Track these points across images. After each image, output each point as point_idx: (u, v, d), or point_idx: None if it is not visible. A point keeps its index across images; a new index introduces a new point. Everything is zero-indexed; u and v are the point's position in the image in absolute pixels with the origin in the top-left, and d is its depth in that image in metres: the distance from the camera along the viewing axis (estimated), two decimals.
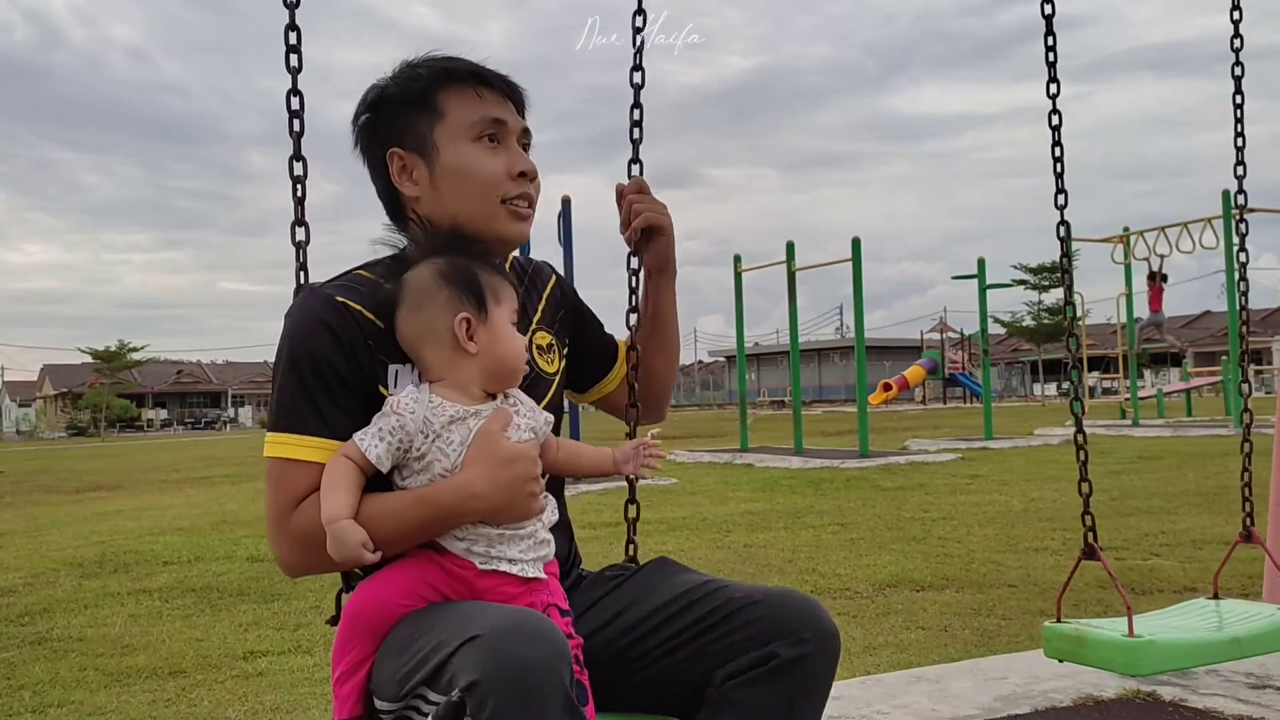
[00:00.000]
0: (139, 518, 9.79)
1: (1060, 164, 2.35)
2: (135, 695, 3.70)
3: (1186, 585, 4.80)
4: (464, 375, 1.50)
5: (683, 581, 1.62)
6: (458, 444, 1.45)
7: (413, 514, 1.42)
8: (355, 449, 1.44)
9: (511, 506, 1.44)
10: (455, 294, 1.49)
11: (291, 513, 1.47)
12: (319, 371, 1.49)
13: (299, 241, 1.72)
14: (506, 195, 1.62)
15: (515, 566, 1.45)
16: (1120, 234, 17.57)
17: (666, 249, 1.81)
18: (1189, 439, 14.17)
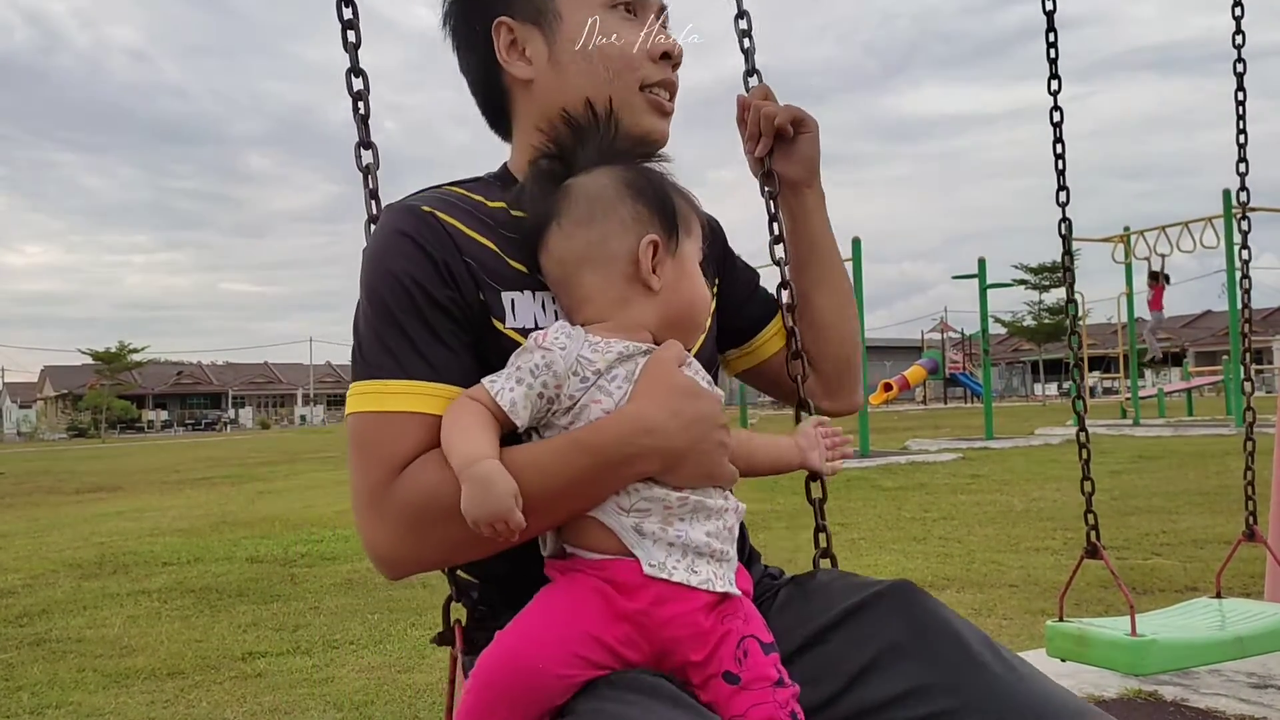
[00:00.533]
0: (139, 519, 9.78)
1: (1062, 161, 2.34)
2: (134, 696, 3.69)
3: (1188, 585, 4.79)
4: (636, 316, 1.15)
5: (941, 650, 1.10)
6: (622, 381, 1.10)
7: (567, 462, 1.05)
8: (484, 393, 1.08)
9: (697, 452, 1.09)
10: (645, 211, 1.15)
11: (393, 481, 1.10)
12: (410, 297, 1.15)
13: (367, 165, 1.36)
14: (648, 80, 1.28)
15: (699, 573, 1.06)
16: (1121, 233, 17.56)
17: (813, 150, 1.45)
18: (1190, 438, 14.15)
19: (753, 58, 1.59)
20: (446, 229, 1.18)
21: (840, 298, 1.48)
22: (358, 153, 1.36)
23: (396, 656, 4.02)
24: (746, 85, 1.57)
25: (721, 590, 1.06)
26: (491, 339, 1.17)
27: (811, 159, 1.45)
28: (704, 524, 1.08)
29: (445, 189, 1.27)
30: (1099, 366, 24.74)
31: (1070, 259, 2.38)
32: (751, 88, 1.53)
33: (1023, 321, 54.12)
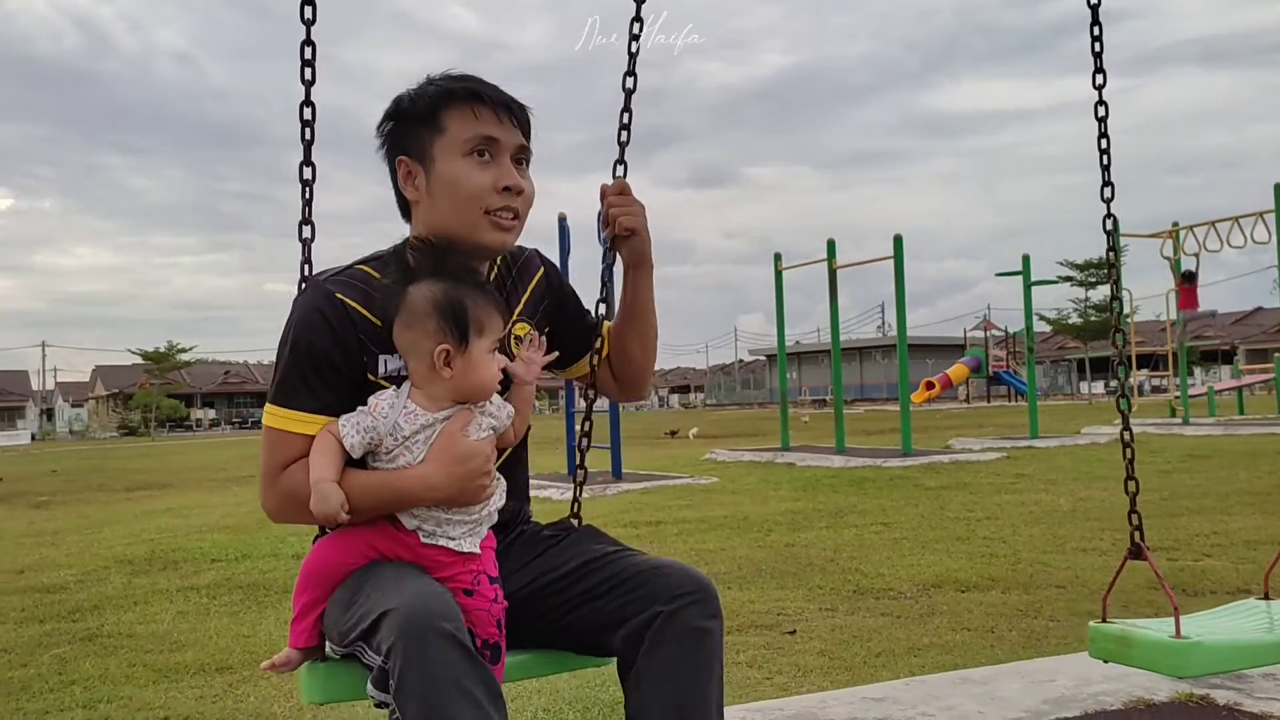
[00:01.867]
0: (187, 516, 9.94)
1: (1107, 155, 2.31)
2: (183, 691, 3.75)
3: (1240, 586, 4.70)
4: (437, 391, 1.74)
5: (591, 550, 1.89)
6: (421, 443, 1.72)
7: (379, 494, 1.70)
8: (337, 431, 1.72)
9: (463, 495, 1.71)
10: (441, 325, 1.70)
11: (280, 474, 1.74)
12: (314, 358, 1.74)
13: (305, 239, 1.90)
14: (490, 207, 1.80)
15: (453, 543, 1.73)
16: (1169, 229, 17.26)
17: (642, 247, 2.00)
18: (1241, 437, 13.88)
19: (624, 149, 2.11)
20: (349, 311, 1.76)
21: (646, 341, 2.09)
22: (300, 229, 1.90)
23: None
24: (614, 173, 2.08)
25: (465, 551, 1.74)
26: (369, 384, 1.77)
27: (640, 252, 2.01)
28: (461, 527, 1.75)
29: (355, 269, 1.81)
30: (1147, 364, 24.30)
31: (1116, 255, 2.34)
32: (615, 177, 2.06)
33: (1068, 319, 53.31)
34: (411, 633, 1.50)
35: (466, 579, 1.72)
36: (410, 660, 1.49)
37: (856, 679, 3.52)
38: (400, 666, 1.49)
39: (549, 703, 3.41)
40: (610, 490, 10.33)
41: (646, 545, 6.44)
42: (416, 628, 1.51)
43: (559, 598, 1.86)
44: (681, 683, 1.71)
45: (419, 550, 1.73)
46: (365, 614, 1.60)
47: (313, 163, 1.91)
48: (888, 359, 59.23)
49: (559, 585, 1.86)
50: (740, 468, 13.00)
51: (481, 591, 1.72)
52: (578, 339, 2.10)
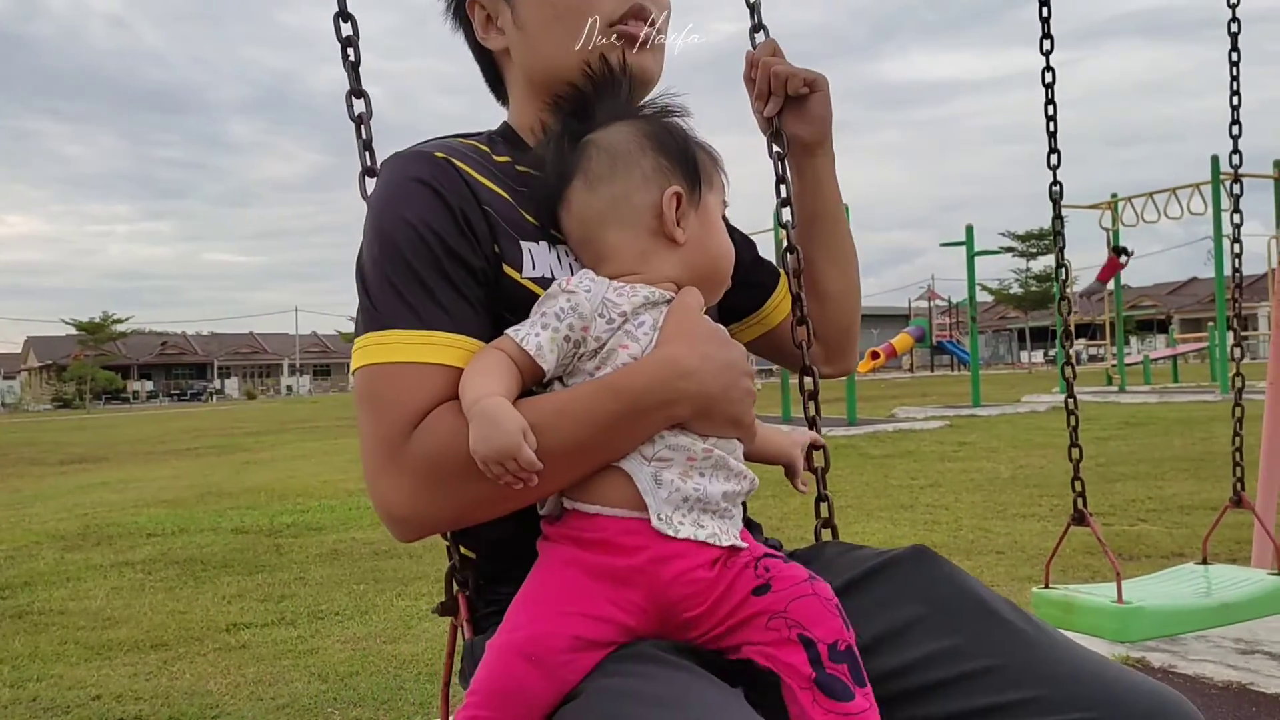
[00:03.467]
0: (123, 490, 9.72)
1: (1053, 123, 2.30)
2: (116, 668, 3.66)
3: (1174, 550, 4.80)
4: (662, 269, 1.13)
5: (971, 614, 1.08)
6: (650, 327, 1.07)
7: (595, 407, 1.01)
8: (510, 341, 1.05)
9: (727, 399, 1.06)
10: (666, 163, 1.13)
11: (409, 434, 1.05)
12: (428, 247, 1.10)
13: (359, 115, 1.32)
14: (613, 15, 1.22)
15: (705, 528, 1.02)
16: (1108, 200, 17.54)
17: (826, 109, 1.40)
18: (1175, 405, 14.21)
19: (758, 11, 1.52)
20: (464, 177, 1.15)
21: (847, 266, 1.45)
22: (349, 101, 1.32)
23: (381, 627, 4.00)
24: (753, 41, 1.51)
25: (727, 544, 1.03)
26: (509, 288, 1.13)
27: (824, 119, 1.40)
28: (723, 483, 1.06)
29: (451, 140, 1.24)
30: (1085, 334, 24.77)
31: (1060, 222, 2.34)
32: (759, 43, 1.47)
33: (1010, 289, 54.21)
34: None
35: (747, 578, 1.01)
36: None
37: None
38: None
39: None
40: None
41: None
42: None
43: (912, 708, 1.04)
44: None
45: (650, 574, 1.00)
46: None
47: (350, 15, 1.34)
48: None
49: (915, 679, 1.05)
50: None
51: (780, 574, 1.01)
52: (754, 272, 1.43)
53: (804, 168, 1.43)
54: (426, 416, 1.05)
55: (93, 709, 3.21)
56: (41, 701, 3.31)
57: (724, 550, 1.02)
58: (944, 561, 1.15)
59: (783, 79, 1.39)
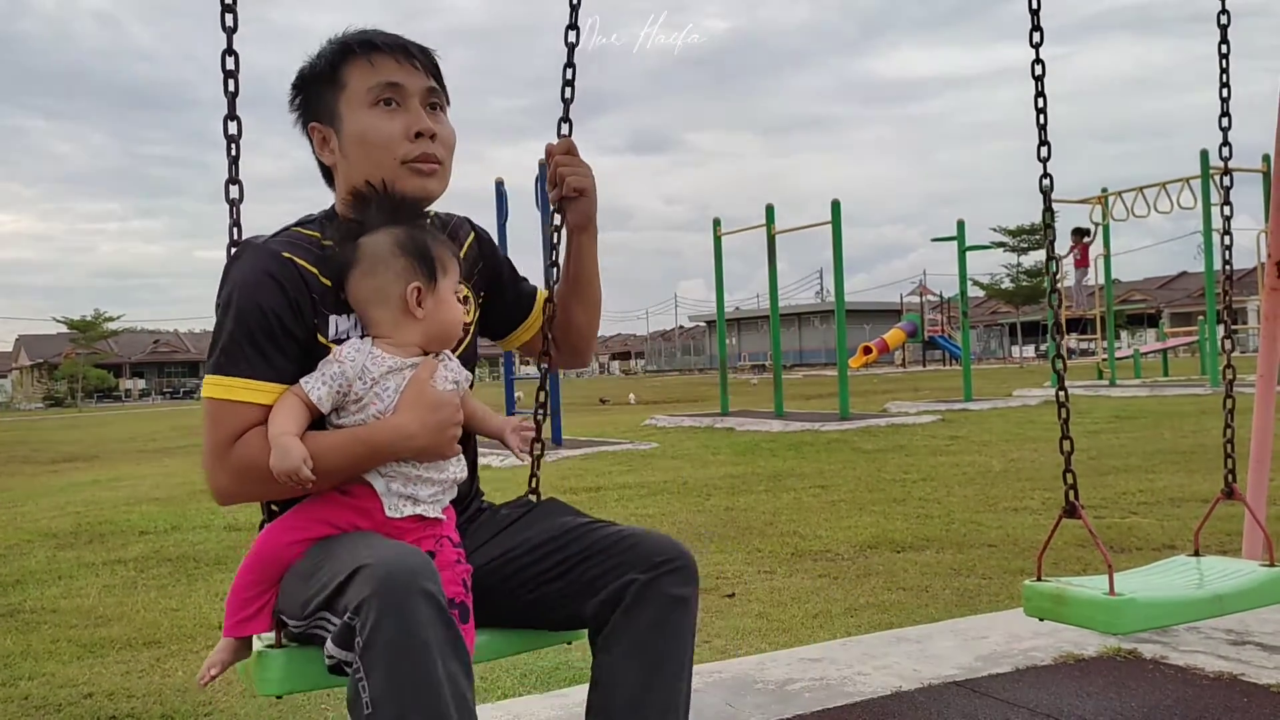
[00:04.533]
0: (115, 488, 9.70)
1: (1043, 115, 2.30)
2: (108, 666, 3.65)
3: (1165, 543, 4.82)
4: (408, 336, 1.69)
5: (562, 523, 1.81)
6: (392, 391, 1.65)
7: (350, 450, 1.62)
8: (300, 390, 1.63)
9: (437, 445, 1.65)
10: (410, 264, 1.66)
11: (232, 445, 1.63)
12: (265, 322, 1.64)
13: (233, 199, 1.78)
14: (406, 156, 1.73)
15: (419, 507, 1.66)
16: (1099, 195, 17.57)
17: (588, 209, 1.91)
18: (1165, 398, 14.26)
19: (569, 107, 1.98)
20: (300, 272, 1.68)
21: (591, 309, 2.03)
22: (226, 189, 1.78)
23: None
24: (558, 132, 1.96)
25: (431, 517, 1.68)
26: (317, 347, 1.69)
27: (588, 214, 1.92)
28: (429, 488, 1.68)
29: (293, 230, 1.74)
30: (1075, 328, 24.87)
31: (1051, 214, 2.34)
32: (561, 135, 1.95)
33: (1001, 284, 54.26)
34: (389, 588, 1.39)
35: (429, 544, 1.65)
36: (385, 616, 1.37)
37: (794, 640, 3.53)
38: (373, 622, 1.37)
39: (519, 681, 3.37)
40: (550, 456, 10.29)
41: (589, 507, 6.40)
42: (395, 583, 1.40)
43: (526, 573, 1.78)
44: (655, 649, 1.67)
45: (381, 521, 1.64)
46: (333, 575, 1.49)
47: (238, 117, 1.79)
48: (826, 324, 59.79)
49: (525, 561, 1.78)
50: (680, 433, 13.04)
51: (444, 552, 1.66)
52: (513, 307, 2.04)
53: (571, 243, 1.97)
54: (244, 435, 1.63)
55: (84, 707, 3.21)
56: (33, 700, 3.30)
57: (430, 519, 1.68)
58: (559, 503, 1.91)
59: (562, 179, 1.89)
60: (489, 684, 3.25)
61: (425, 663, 1.38)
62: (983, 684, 2.84)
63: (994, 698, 2.74)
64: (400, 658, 1.37)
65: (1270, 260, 3.33)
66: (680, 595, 1.70)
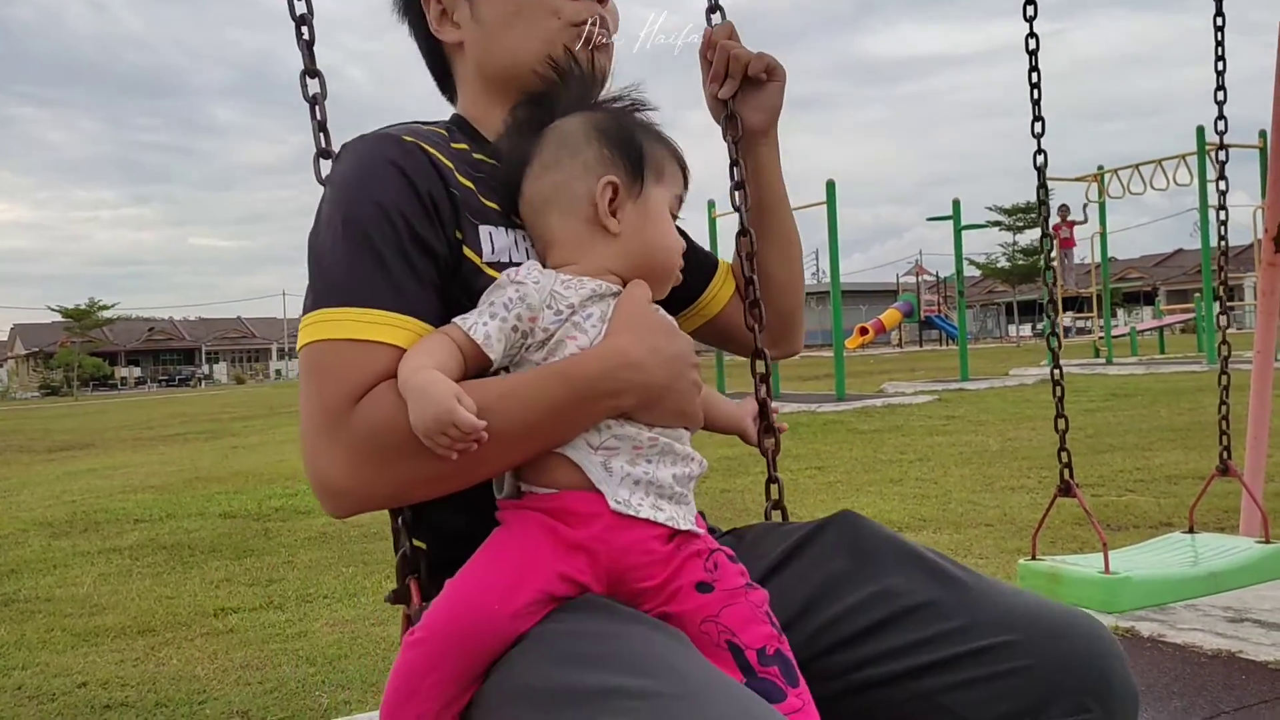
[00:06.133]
0: (111, 476, 9.67)
1: (1037, 90, 2.27)
2: (103, 655, 3.64)
3: (1162, 520, 4.81)
4: (600, 259, 1.14)
5: (894, 563, 1.15)
6: (597, 319, 1.09)
7: (542, 392, 1.03)
8: (456, 329, 1.06)
9: (674, 391, 1.08)
10: (606, 153, 1.15)
11: (352, 408, 1.04)
12: (390, 226, 1.10)
13: (314, 95, 1.31)
14: (575, 17, 1.26)
15: (664, 511, 1.05)
16: (1094, 172, 17.53)
17: (779, 99, 1.41)
18: (1162, 376, 14.26)
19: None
20: (433, 160, 1.16)
21: (789, 250, 1.47)
22: (303, 80, 1.32)
23: (370, 610, 3.98)
24: (709, 20, 1.49)
25: (684, 529, 1.06)
26: (469, 272, 1.14)
27: (775, 109, 1.42)
28: (670, 467, 1.08)
29: (413, 125, 1.24)
30: (1072, 306, 24.84)
31: (1045, 191, 2.32)
32: (715, 24, 1.45)
33: (997, 263, 54.26)
34: None
35: (696, 568, 1.04)
36: None
37: None
38: None
39: None
40: None
41: None
42: None
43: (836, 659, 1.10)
44: None
45: (604, 542, 1.02)
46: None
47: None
48: (822, 305, 59.78)
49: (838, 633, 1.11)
50: None
51: (724, 575, 1.05)
52: (696, 268, 1.41)
53: (750, 155, 1.44)
54: (370, 391, 1.05)
55: (79, 696, 3.19)
56: (27, 689, 3.29)
57: (680, 532, 1.06)
58: (867, 520, 1.22)
59: (742, 62, 1.38)
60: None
61: None
62: None
63: None
64: None
65: (1267, 236, 3.31)
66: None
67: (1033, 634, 1.06)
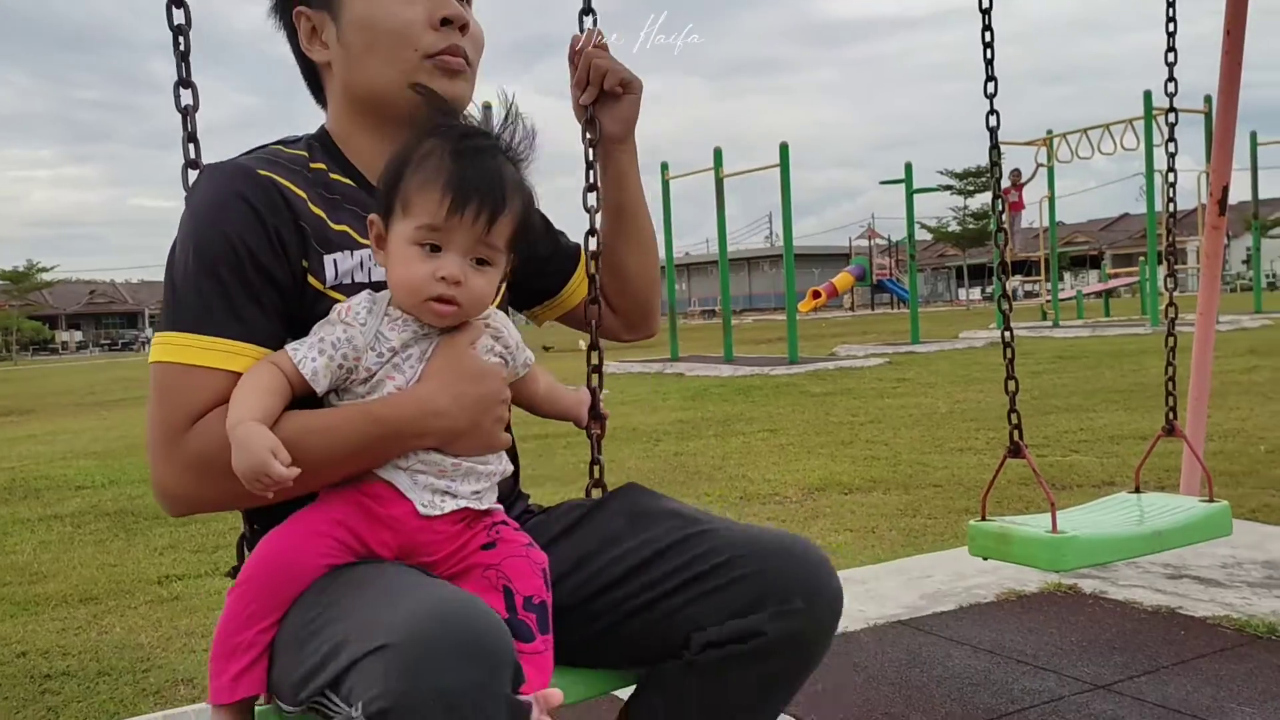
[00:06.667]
0: (52, 442, 9.47)
1: (990, 49, 2.26)
2: (44, 624, 3.56)
3: (1105, 479, 4.91)
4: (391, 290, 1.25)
5: (658, 520, 1.36)
6: (416, 360, 1.20)
7: (354, 430, 1.16)
8: (287, 360, 1.18)
9: (477, 431, 1.22)
10: (380, 189, 1.24)
11: (188, 430, 1.18)
12: (235, 258, 1.21)
13: (185, 106, 1.38)
14: (430, 48, 1.32)
15: (461, 491, 1.21)
16: (1044, 136, 17.69)
17: (632, 112, 1.51)
18: (1107, 338, 14.52)
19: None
20: (284, 193, 1.26)
21: (644, 249, 1.58)
22: (176, 92, 1.38)
23: None
24: (581, 24, 1.56)
25: (480, 509, 1.23)
26: (311, 297, 1.26)
27: (631, 119, 1.52)
28: (472, 484, 1.23)
29: (273, 149, 1.35)
30: (1020, 270, 25.17)
31: (997, 151, 2.31)
32: (586, 30, 1.54)
33: (948, 227, 54.71)
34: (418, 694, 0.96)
35: (481, 536, 1.22)
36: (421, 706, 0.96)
37: None
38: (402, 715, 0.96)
39: None
40: None
41: (535, 459, 6.39)
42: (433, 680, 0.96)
43: (611, 596, 1.32)
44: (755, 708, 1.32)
45: (415, 528, 1.18)
46: (339, 647, 1.04)
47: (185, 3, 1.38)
48: (775, 269, 60.03)
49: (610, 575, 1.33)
50: (630, 379, 13.02)
51: (507, 538, 1.23)
52: (554, 260, 1.58)
53: (609, 160, 1.53)
54: (205, 416, 1.18)
55: (18, 666, 3.13)
56: None
57: (473, 512, 1.22)
58: (648, 491, 1.45)
59: (601, 73, 1.48)
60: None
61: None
62: (927, 622, 2.87)
63: (938, 635, 2.76)
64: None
65: (1212, 199, 3.34)
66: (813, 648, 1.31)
67: (755, 551, 1.29)
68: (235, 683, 1.14)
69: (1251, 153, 19.04)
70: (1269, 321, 16.09)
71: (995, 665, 2.54)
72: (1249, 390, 7.92)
